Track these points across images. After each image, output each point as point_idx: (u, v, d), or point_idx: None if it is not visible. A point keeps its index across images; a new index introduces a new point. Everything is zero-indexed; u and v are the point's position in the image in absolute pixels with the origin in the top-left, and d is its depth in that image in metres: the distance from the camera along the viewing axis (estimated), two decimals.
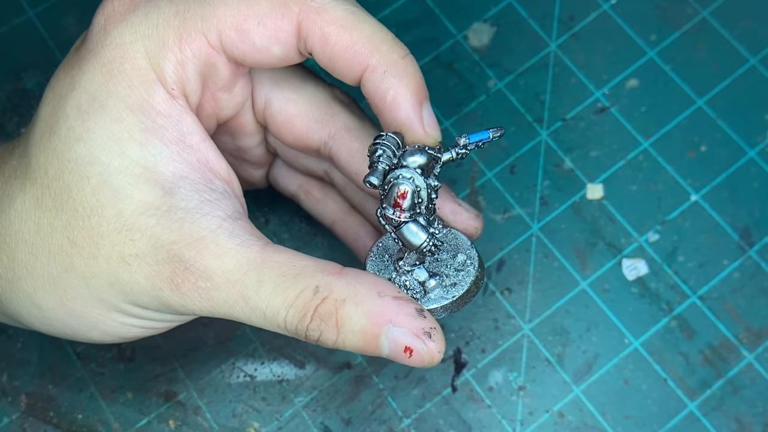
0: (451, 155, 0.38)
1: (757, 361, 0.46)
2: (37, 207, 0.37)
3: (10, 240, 0.38)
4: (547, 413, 0.45)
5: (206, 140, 0.38)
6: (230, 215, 0.37)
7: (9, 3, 0.54)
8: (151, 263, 0.36)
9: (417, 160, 0.36)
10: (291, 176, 0.46)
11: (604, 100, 0.51)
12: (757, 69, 0.51)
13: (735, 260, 0.47)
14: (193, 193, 0.37)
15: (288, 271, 0.36)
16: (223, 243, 0.36)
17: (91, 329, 0.39)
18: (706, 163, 0.49)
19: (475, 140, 0.38)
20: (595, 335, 0.47)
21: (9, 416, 0.46)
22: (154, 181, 0.36)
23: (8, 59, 0.53)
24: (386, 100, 0.37)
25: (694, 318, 0.46)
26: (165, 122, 0.37)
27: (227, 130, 0.43)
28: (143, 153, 0.36)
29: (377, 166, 0.36)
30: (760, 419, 0.45)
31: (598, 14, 0.52)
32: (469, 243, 0.39)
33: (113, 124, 0.36)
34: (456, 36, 0.52)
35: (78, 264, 0.37)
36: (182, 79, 0.37)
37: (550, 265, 0.48)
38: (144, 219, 0.36)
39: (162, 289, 0.36)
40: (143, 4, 0.37)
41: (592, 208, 0.49)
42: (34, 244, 0.37)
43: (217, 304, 0.36)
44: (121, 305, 0.38)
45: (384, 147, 0.36)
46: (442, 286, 0.38)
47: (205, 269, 0.36)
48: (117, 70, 0.36)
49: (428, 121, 0.38)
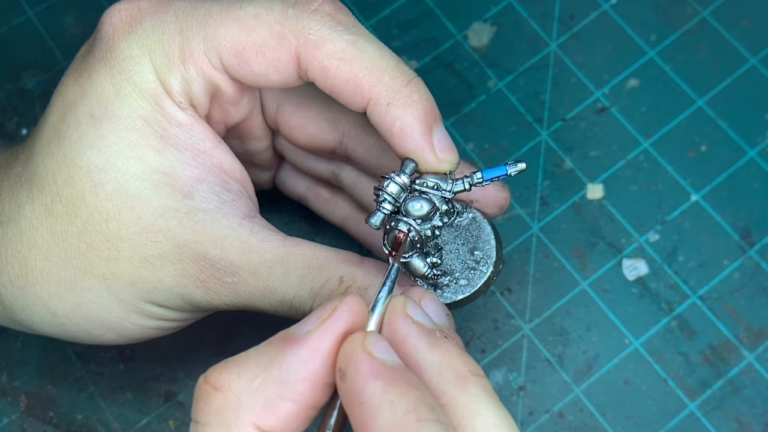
0: (463, 186, 0.37)
1: (757, 361, 0.46)
2: (47, 214, 0.37)
3: (22, 247, 0.38)
4: (547, 413, 0.45)
5: (219, 144, 0.38)
6: (247, 214, 0.38)
7: (9, 3, 0.54)
8: (175, 262, 0.37)
9: (418, 210, 0.36)
10: (299, 179, 0.47)
11: (604, 100, 0.51)
12: (758, 69, 0.51)
13: (735, 260, 0.47)
14: (212, 195, 0.38)
15: (312, 262, 0.37)
16: (246, 240, 0.37)
17: (107, 332, 0.39)
18: (706, 163, 0.49)
19: (490, 177, 0.37)
20: (595, 335, 0.46)
21: (9, 416, 0.46)
22: (172, 185, 0.37)
23: (8, 59, 0.53)
24: (393, 131, 0.36)
25: (695, 318, 0.46)
26: (178, 131, 0.37)
27: (235, 134, 0.43)
28: (160, 159, 0.37)
29: (378, 210, 0.36)
30: (760, 419, 0.45)
31: (599, 14, 0.52)
32: (491, 235, 0.39)
33: (128, 133, 0.37)
34: (456, 36, 0.52)
35: (97, 266, 0.37)
36: (189, 93, 0.37)
37: (551, 265, 0.48)
38: (164, 221, 0.37)
39: (187, 286, 0.37)
40: (149, 16, 0.37)
41: (593, 208, 0.49)
42: (50, 250, 0.38)
43: (244, 298, 0.38)
44: (141, 305, 0.38)
45: (385, 194, 0.36)
46: (452, 285, 0.38)
47: (231, 265, 0.37)
48: (127, 81, 0.37)
49: (441, 146, 0.37)
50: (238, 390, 0.30)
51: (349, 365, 0.30)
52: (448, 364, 0.31)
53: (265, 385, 0.30)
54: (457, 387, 0.30)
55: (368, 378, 0.29)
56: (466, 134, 0.50)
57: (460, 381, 0.30)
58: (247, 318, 0.47)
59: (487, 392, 0.30)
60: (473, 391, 0.30)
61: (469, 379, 0.30)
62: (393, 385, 0.29)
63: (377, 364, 0.30)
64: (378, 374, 0.29)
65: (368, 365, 0.29)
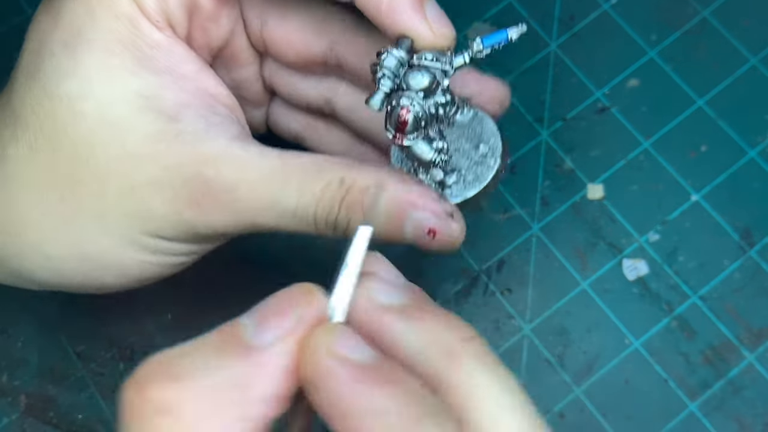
0: (463, 59, 0.35)
1: (758, 361, 0.46)
2: (32, 151, 0.36)
3: (10, 191, 0.36)
4: (547, 414, 0.45)
5: (204, 68, 0.37)
6: (238, 136, 0.36)
7: (9, 3, 0.54)
8: (167, 187, 0.35)
9: (419, 83, 0.34)
10: (292, 115, 0.45)
11: (604, 100, 0.51)
12: (758, 69, 0.50)
13: (735, 260, 0.47)
14: (198, 118, 0.36)
15: (310, 168, 0.35)
16: (240, 155, 0.35)
17: (106, 273, 0.37)
18: (706, 163, 0.49)
19: (490, 43, 0.35)
20: (596, 335, 0.46)
21: (9, 416, 0.46)
22: (156, 109, 0.35)
23: (8, 59, 0.53)
24: (381, 8, 0.35)
25: (695, 318, 0.46)
26: (156, 53, 0.36)
27: (221, 62, 0.41)
28: (140, 83, 0.35)
29: (378, 89, 0.34)
30: (761, 420, 0.45)
31: (599, 14, 0.52)
32: (494, 129, 0.37)
33: (104, 57, 0.35)
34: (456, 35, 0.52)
35: (86, 202, 0.36)
36: (165, 11, 0.36)
37: (551, 265, 0.48)
38: (152, 145, 0.35)
39: (182, 211, 0.35)
40: None
41: (593, 208, 0.49)
42: (38, 189, 0.36)
43: (243, 215, 0.35)
44: (137, 237, 0.36)
45: (384, 68, 0.34)
46: (460, 182, 0.37)
47: (226, 182, 0.35)
48: (98, 3, 0.35)
49: (435, 18, 0.35)
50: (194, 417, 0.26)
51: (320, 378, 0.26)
52: (433, 343, 0.27)
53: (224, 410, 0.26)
54: (448, 366, 0.27)
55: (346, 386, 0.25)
56: None
57: (450, 358, 0.27)
58: None
59: (481, 360, 0.27)
60: (467, 366, 0.27)
61: (459, 351, 0.27)
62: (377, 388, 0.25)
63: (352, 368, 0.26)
64: (356, 378, 0.26)
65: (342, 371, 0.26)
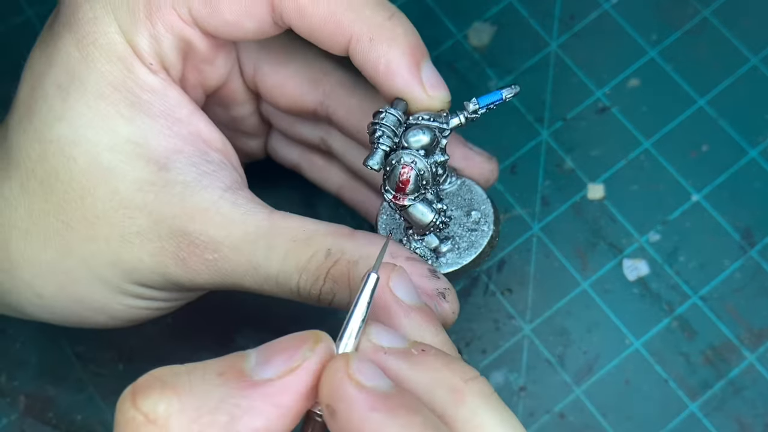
0: (459, 121, 0.35)
1: (759, 361, 0.45)
2: (24, 193, 0.36)
3: (3, 229, 0.36)
4: (547, 414, 0.45)
5: (196, 112, 0.36)
6: (230, 186, 0.36)
7: (9, 3, 0.54)
8: (154, 239, 0.35)
9: (419, 140, 0.34)
10: (290, 146, 0.45)
11: (605, 100, 0.51)
12: (759, 68, 0.50)
13: (736, 260, 0.47)
14: (189, 167, 0.35)
15: (298, 235, 0.34)
16: (228, 213, 0.35)
17: (97, 314, 0.38)
18: (707, 162, 0.49)
19: (485, 103, 0.35)
20: (596, 336, 0.46)
21: (8, 417, 0.46)
22: (147, 157, 0.35)
23: (8, 59, 0.53)
24: (379, 69, 0.35)
25: (695, 318, 0.46)
26: (150, 97, 0.35)
27: (218, 101, 0.41)
28: (132, 129, 0.35)
29: (377, 148, 0.34)
30: (761, 420, 0.44)
31: (599, 14, 0.52)
32: (484, 196, 0.37)
33: (97, 101, 0.35)
34: (456, 36, 0.52)
35: (75, 247, 0.36)
36: (159, 53, 0.35)
37: (551, 265, 0.48)
38: (141, 195, 0.35)
39: (167, 265, 0.35)
40: None
41: (593, 208, 0.49)
42: (28, 230, 0.36)
43: (227, 275, 0.35)
44: (124, 286, 0.36)
45: (383, 127, 0.34)
46: (455, 250, 0.36)
47: (211, 241, 0.34)
48: (93, 45, 0.35)
49: (430, 81, 0.35)
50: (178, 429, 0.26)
51: (339, 401, 0.26)
52: (437, 381, 0.28)
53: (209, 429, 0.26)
54: (453, 404, 0.28)
55: (365, 412, 0.26)
56: (466, 134, 0.50)
57: (454, 396, 0.28)
58: (247, 319, 0.47)
59: (485, 398, 0.28)
60: (471, 404, 0.28)
61: (464, 389, 0.28)
62: (394, 416, 0.26)
63: (371, 395, 0.26)
64: (374, 406, 0.26)
65: (361, 397, 0.26)
